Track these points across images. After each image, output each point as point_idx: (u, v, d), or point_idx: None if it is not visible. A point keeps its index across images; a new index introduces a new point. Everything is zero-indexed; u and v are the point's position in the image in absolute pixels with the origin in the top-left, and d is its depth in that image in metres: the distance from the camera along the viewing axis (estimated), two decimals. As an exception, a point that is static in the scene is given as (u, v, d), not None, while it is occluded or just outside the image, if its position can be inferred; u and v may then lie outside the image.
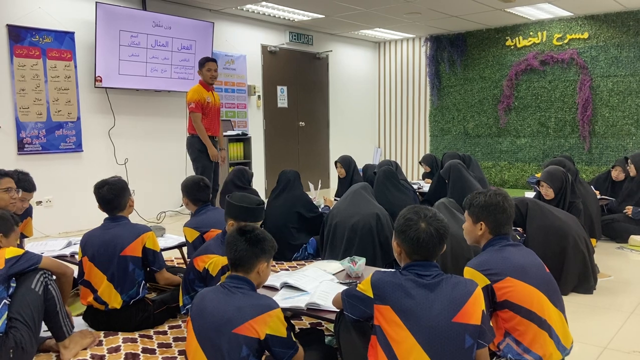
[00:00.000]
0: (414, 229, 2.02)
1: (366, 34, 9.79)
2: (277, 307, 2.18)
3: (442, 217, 2.10)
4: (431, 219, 2.04)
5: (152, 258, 3.22)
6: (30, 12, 5.79)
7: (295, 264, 4.72)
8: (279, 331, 2.13)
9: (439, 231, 2.03)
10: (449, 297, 1.95)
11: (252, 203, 2.91)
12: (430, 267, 2.03)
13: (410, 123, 10.62)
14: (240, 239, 2.25)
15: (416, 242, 2.02)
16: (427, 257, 2.04)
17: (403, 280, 2.00)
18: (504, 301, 2.26)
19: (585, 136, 8.56)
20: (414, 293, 1.96)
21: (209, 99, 5.78)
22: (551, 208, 4.00)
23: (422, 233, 2.01)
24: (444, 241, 2.06)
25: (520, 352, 2.24)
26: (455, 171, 5.42)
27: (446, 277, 2.02)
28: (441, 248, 2.07)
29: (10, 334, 2.52)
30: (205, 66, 5.76)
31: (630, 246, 5.16)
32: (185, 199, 3.73)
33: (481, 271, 2.29)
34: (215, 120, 5.93)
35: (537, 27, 8.89)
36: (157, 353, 2.96)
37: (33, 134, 5.82)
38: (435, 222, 2.04)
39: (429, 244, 2.01)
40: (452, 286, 1.98)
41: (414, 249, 2.03)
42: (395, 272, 2.06)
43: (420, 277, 2.00)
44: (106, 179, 3.27)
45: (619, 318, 3.44)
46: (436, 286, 1.98)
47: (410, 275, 2.01)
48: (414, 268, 2.03)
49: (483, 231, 2.45)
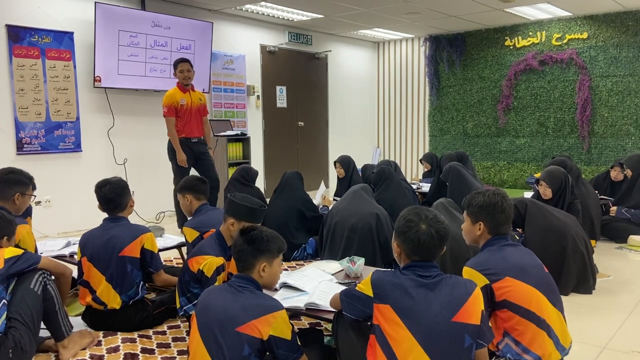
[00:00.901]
0: (415, 230, 2.02)
1: (365, 34, 9.79)
2: (282, 309, 2.17)
3: (443, 218, 2.10)
4: (432, 220, 2.04)
5: (150, 259, 3.22)
6: (30, 12, 5.79)
7: (294, 264, 4.72)
8: (283, 333, 2.13)
9: (440, 233, 2.03)
10: (448, 297, 1.95)
11: (255, 204, 2.92)
12: (430, 268, 2.03)
13: (409, 123, 10.62)
14: (240, 238, 2.29)
15: (417, 244, 2.02)
16: (427, 258, 2.04)
17: (403, 279, 2.00)
18: (502, 301, 2.26)
19: (585, 136, 8.57)
20: (414, 292, 1.96)
21: (184, 101, 5.75)
22: (550, 208, 4.00)
23: (422, 234, 2.01)
24: (444, 243, 2.06)
25: (519, 351, 2.24)
26: (454, 172, 5.43)
27: (446, 277, 2.02)
28: (441, 249, 2.07)
29: (9, 334, 2.52)
30: (178, 67, 5.74)
31: (629, 246, 5.16)
32: (189, 196, 3.67)
33: (480, 271, 2.29)
34: (192, 121, 5.85)
35: (536, 27, 8.90)
36: (156, 353, 2.95)
37: (32, 134, 5.82)
38: (436, 224, 2.04)
39: (430, 246, 2.02)
40: (452, 286, 1.99)
41: (414, 250, 2.04)
42: (395, 272, 2.06)
43: (420, 277, 2.00)
44: (107, 179, 3.27)
45: (618, 318, 3.44)
46: (436, 286, 1.98)
47: (410, 274, 2.01)
48: (414, 268, 2.03)
49: (482, 231, 2.45)
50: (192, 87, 5.88)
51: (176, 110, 5.72)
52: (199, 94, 6.01)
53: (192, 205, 3.67)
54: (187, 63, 5.79)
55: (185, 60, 5.83)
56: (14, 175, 3.26)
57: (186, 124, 5.81)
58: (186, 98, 5.78)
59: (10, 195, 3.22)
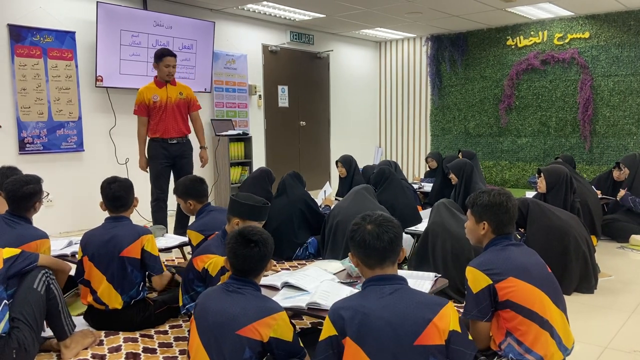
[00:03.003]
0: (360, 232, 1.97)
1: (367, 33, 9.79)
2: (282, 310, 2.15)
3: (392, 219, 2.01)
4: (377, 219, 1.98)
5: (148, 261, 3.18)
6: (31, 11, 5.79)
7: (296, 264, 4.72)
8: (284, 335, 2.11)
9: (388, 233, 1.95)
10: (411, 319, 1.85)
11: (259, 202, 2.91)
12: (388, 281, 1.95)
13: (411, 123, 10.62)
14: (248, 245, 2.19)
15: (364, 245, 1.96)
16: (382, 262, 1.96)
17: (363, 301, 1.91)
18: (505, 301, 2.25)
19: (586, 136, 8.56)
20: (373, 315, 1.86)
21: (157, 97, 5.10)
22: (552, 208, 4.00)
23: (367, 235, 1.95)
24: (395, 243, 1.97)
25: (522, 352, 2.23)
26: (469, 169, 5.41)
27: (408, 294, 1.93)
28: (395, 251, 1.98)
29: (12, 335, 2.53)
30: (163, 61, 5.07)
31: (631, 246, 5.16)
32: (191, 201, 3.64)
33: (483, 271, 2.28)
34: (168, 119, 5.15)
35: (538, 26, 8.89)
36: (158, 352, 2.96)
37: (34, 134, 5.82)
38: (384, 224, 1.97)
39: (377, 247, 1.94)
40: (415, 306, 1.89)
41: (365, 253, 1.97)
42: (357, 294, 1.99)
43: (380, 292, 1.92)
44: (115, 176, 3.29)
45: (620, 317, 3.44)
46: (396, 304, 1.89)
47: (370, 293, 1.93)
48: (374, 283, 1.96)
49: (486, 231, 2.43)
50: (172, 81, 5.20)
51: (148, 107, 5.10)
52: (181, 87, 5.28)
53: (195, 207, 3.67)
54: (174, 57, 5.14)
55: (172, 53, 5.16)
56: (32, 187, 3.22)
57: (159, 122, 5.13)
58: (160, 94, 5.11)
59: (31, 206, 3.21)
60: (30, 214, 3.22)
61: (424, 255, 3.89)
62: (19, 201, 3.12)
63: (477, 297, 2.28)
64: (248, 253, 2.18)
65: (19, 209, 3.13)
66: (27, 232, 3.09)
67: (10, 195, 3.10)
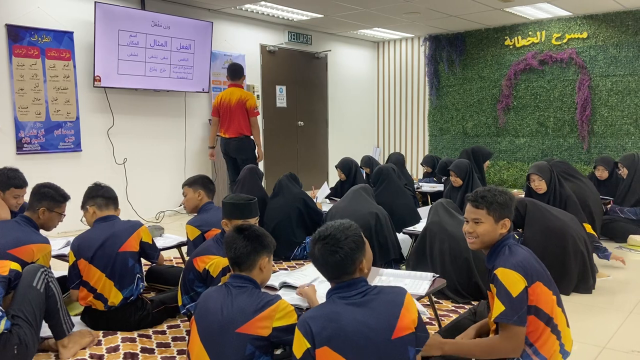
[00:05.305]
0: (312, 249, 1.99)
1: (365, 33, 9.79)
2: (279, 299, 2.16)
3: (348, 233, 1.94)
4: (327, 238, 1.94)
5: (149, 250, 3.33)
6: (29, 11, 5.78)
7: (294, 264, 4.72)
8: (288, 320, 2.11)
9: (337, 252, 1.91)
10: (384, 316, 1.87)
11: (241, 199, 2.92)
12: (352, 287, 1.93)
13: (409, 122, 10.62)
14: (239, 237, 2.25)
15: (316, 263, 1.98)
16: (337, 277, 1.95)
17: (332, 307, 1.91)
18: (531, 306, 2.17)
19: (584, 136, 8.57)
20: (344, 319, 1.85)
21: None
22: (550, 208, 4.00)
23: (317, 252, 1.95)
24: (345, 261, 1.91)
25: (530, 353, 2.19)
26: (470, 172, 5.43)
27: (375, 294, 1.93)
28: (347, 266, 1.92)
29: (13, 331, 2.54)
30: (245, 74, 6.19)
31: (629, 246, 5.16)
32: (201, 191, 3.72)
33: (520, 272, 2.17)
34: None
35: (536, 26, 8.90)
36: (156, 353, 2.96)
37: (32, 134, 5.81)
38: (331, 243, 1.92)
39: (327, 264, 1.93)
40: (386, 304, 1.90)
41: (319, 269, 2.00)
42: (325, 303, 1.98)
43: (346, 299, 1.91)
44: (97, 182, 3.49)
45: (618, 318, 3.45)
46: (366, 305, 1.89)
47: (337, 300, 1.92)
48: (338, 292, 1.95)
49: (508, 228, 2.32)
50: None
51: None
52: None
53: (202, 201, 3.74)
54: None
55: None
56: (45, 190, 3.25)
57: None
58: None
59: (36, 208, 3.22)
60: (35, 219, 3.23)
61: (422, 255, 3.89)
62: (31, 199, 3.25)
63: (517, 300, 2.14)
64: (240, 243, 2.23)
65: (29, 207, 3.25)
66: (26, 236, 3.10)
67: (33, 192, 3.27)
